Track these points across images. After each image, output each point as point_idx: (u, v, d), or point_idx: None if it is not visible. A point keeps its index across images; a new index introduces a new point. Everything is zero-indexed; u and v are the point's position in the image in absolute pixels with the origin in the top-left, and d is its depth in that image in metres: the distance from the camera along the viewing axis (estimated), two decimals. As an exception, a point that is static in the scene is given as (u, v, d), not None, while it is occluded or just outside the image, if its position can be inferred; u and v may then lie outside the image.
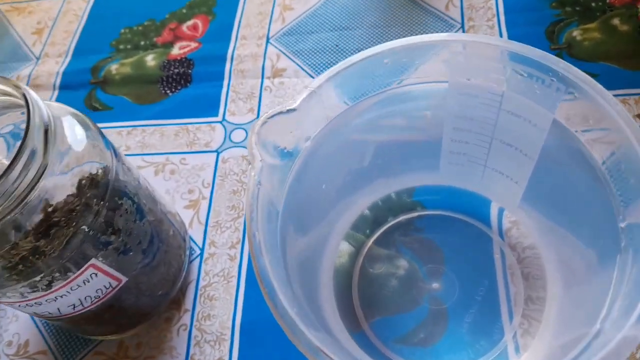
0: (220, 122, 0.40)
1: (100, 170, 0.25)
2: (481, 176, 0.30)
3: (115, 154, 0.27)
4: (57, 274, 0.24)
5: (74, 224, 0.24)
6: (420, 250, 0.31)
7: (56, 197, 0.23)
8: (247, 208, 0.20)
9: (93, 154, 0.25)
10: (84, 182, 0.25)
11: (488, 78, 0.24)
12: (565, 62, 0.22)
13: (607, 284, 0.21)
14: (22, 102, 0.22)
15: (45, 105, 0.23)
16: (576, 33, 0.41)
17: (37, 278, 0.23)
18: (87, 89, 0.44)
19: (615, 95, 0.37)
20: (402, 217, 0.32)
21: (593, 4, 0.42)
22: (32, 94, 0.22)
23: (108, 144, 0.27)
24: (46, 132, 0.22)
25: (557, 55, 0.40)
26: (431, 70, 0.25)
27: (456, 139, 0.28)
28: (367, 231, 0.32)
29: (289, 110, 0.22)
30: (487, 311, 0.29)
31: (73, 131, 0.25)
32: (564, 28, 0.42)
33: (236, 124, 0.40)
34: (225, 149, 0.39)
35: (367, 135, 0.28)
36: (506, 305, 0.30)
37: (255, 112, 0.40)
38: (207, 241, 0.35)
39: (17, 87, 0.22)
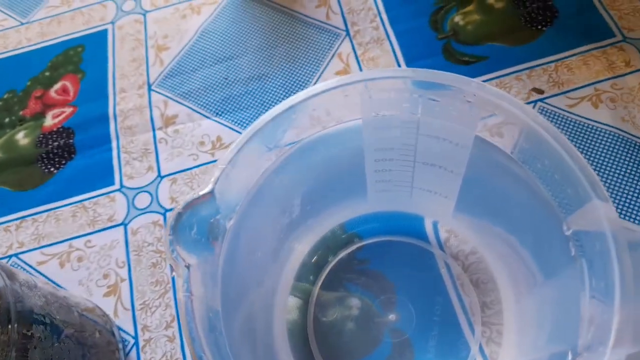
0: (119, 189, 0.37)
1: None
2: (409, 196, 0.29)
3: (7, 276, 0.23)
4: None
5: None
6: (368, 283, 0.30)
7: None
8: (185, 327, 0.17)
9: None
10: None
11: (401, 108, 0.23)
12: (477, 81, 0.21)
13: (568, 295, 0.21)
14: None
15: None
16: (458, 18, 0.41)
17: None
18: (-47, 187, 0.38)
19: (508, 74, 0.39)
20: (342, 254, 0.30)
21: (465, -14, 0.42)
22: None
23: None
24: None
25: (446, 44, 0.41)
26: (343, 111, 0.23)
27: (379, 169, 0.27)
28: (311, 277, 0.30)
29: (203, 196, 0.20)
30: (448, 329, 0.29)
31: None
32: (446, 15, 0.42)
33: (137, 188, 0.36)
34: (132, 219, 0.35)
35: (291, 188, 0.26)
36: (464, 317, 0.29)
37: (155, 169, 0.37)
38: (139, 327, 0.32)
39: None
